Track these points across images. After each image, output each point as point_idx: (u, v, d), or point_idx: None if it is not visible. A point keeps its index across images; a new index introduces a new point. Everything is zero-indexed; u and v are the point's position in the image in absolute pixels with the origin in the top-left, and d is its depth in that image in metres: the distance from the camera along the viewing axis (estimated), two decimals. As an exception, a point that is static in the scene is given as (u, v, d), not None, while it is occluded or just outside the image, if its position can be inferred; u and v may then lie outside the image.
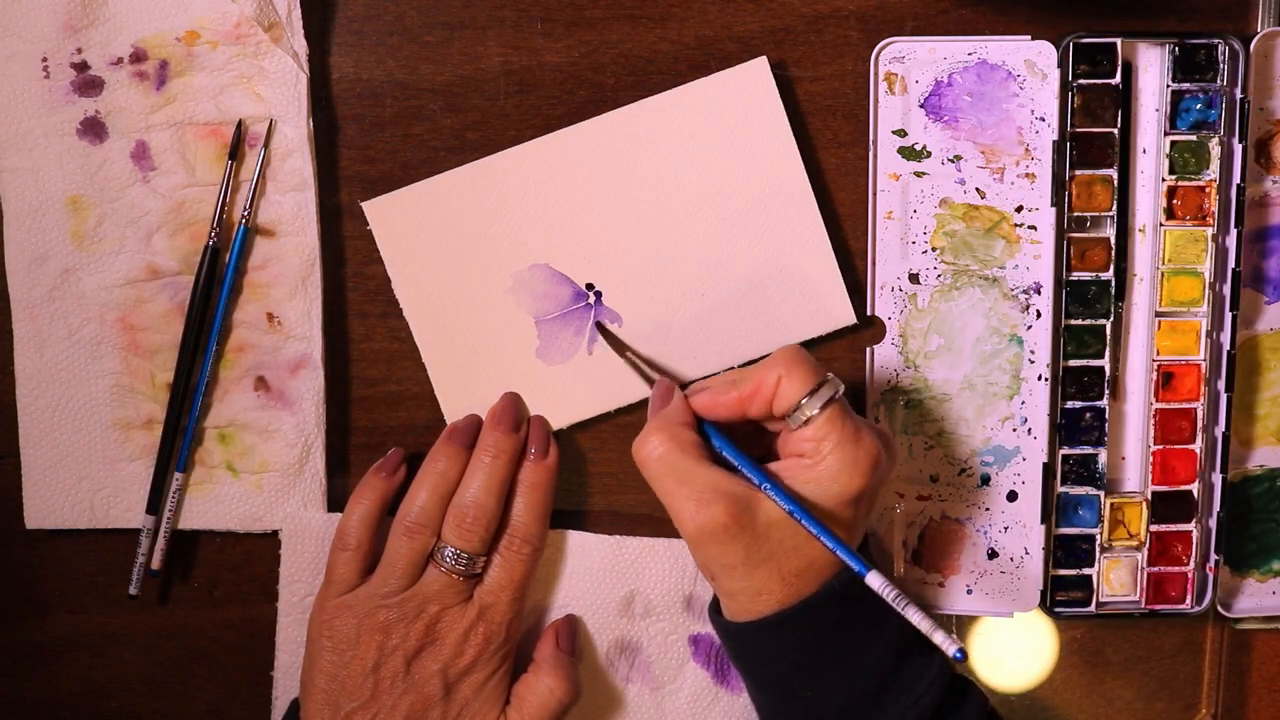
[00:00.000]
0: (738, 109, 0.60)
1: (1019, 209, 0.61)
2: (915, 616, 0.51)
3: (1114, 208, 0.61)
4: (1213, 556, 0.62)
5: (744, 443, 0.56)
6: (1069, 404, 0.62)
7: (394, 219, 0.61)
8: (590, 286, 0.61)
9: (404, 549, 0.58)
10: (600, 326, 0.61)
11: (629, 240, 0.61)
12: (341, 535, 0.60)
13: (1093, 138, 0.60)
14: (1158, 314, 0.62)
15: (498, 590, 0.59)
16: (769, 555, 0.53)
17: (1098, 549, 0.63)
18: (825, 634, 0.54)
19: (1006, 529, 0.63)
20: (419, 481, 0.59)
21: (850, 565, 0.52)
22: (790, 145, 0.60)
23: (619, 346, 0.61)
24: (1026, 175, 0.61)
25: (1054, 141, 0.60)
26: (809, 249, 0.61)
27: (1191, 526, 0.63)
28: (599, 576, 0.62)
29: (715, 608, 0.58)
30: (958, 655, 0.50)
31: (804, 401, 0.53)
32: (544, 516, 0.60)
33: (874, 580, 0.52)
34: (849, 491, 0.53)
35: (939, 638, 0.51)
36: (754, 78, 0.60)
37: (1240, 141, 0.60)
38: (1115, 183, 0.60)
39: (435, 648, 0.58)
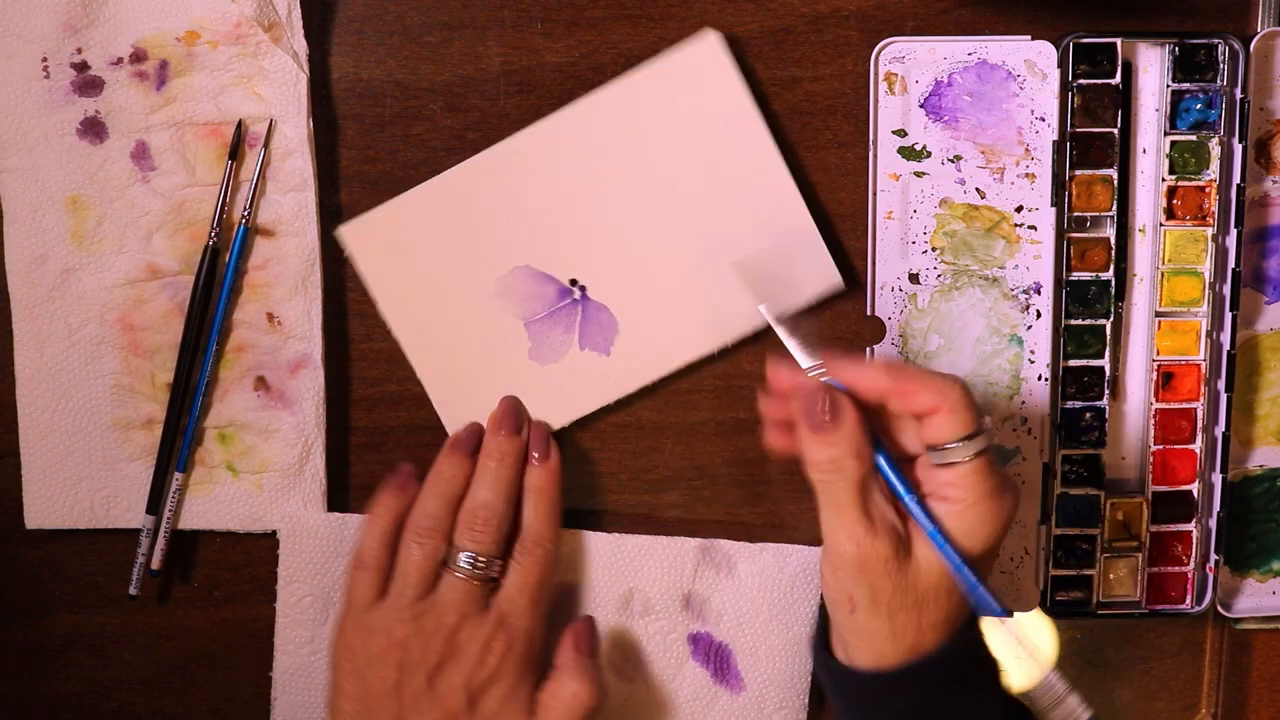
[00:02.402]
0: (695, 86, 0.59)
1: (1019, 209, 0.61)
2: (1053, 677, 0.51)
3: (1114, 208, 0.61)
4: (1213, 556, 0.62)
5: None
6: (1069, 404, 0.62)
7: (371, 240, 0.60)
8: (574, 282, 0.61)
9: (415, 556, 0.57)
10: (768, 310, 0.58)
11: (606, 231, 0.61)
12: (359, 555, 0.58)
13: (1093, 138, 0.60)
14: (1158, 314, 0.62)
15: (515, 595, 0.58)
16: (915, 601, 0.52)
17: (1098, 549, 0.63)
18: (942, 688, 0.53)
19: (1006, 529, 0.63)
20: (426, 491, 0.59)
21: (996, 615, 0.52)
22: (753, 114, 0.59)
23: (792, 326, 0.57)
24: (1026, 175, 0.61)
25: (1054, 141, 0.60)
26: (786, 217, 0.60)
27: (1191, 526, 0.63)
28: (597, 574, 0.62)
29: (823, 645, 0.57)
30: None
31: (956, 445, 0.52)
32: (555, 518, 0.60)
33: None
34: (990, 543, 0.53)
35: (1073, 702, 0.51)
36: (707, 52, 0.59)
37: (1240, 141, 0.60)
38: (1115, 183, 0.60)
39: (457, 660, 0.56)
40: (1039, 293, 0.61)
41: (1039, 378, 0.62)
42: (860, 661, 0.54)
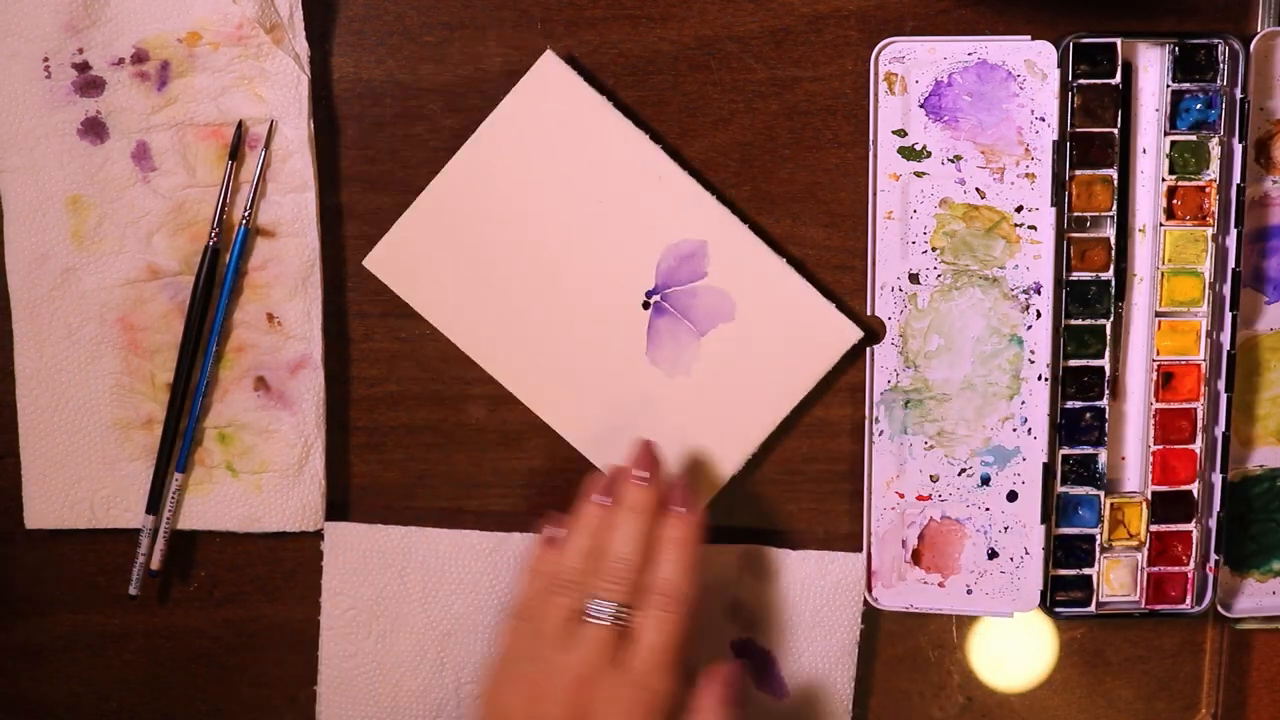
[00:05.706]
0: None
1: (1019, 209, 0.61)
2: None
3: (1114, 208, 0.61)
4: (1213, 556, 0.62)
5: None
6: (1069, 404, 0.62)
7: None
8: (650, 295, 0.61)
9: (555, 607, 0.55)
10: None
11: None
12: (522, 607, 0.57)
13: (1093, 138, 0.60)
14: (1158, 314, 0.62)
15: (650, 655, 0.54)
16: None
17: (1098, 549, 0.63)
18: None
19: (1006, 529, 0.63)
20: (570, 542, 0.57)
21: None
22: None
23: None
24: (1026, 175, 0.61)
25: (1054, 141, 0.60)
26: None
27: (1191, 526, 0.63)
28: None
29: None
30: None
31: None
32: (692, 574, 0.56)
33: None
34: None
35: None
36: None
37: (1240, 141, 0.60)
38: (1115, 183, 0.60)
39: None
40: (1039, 293, 0.61)
41: (1039, 378, 0.62)
42: None
